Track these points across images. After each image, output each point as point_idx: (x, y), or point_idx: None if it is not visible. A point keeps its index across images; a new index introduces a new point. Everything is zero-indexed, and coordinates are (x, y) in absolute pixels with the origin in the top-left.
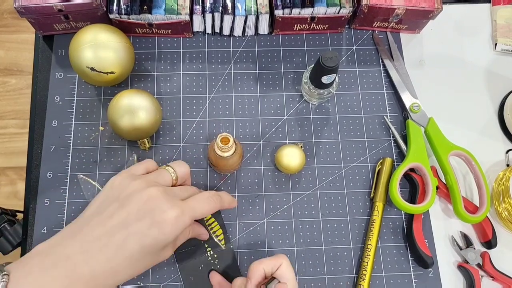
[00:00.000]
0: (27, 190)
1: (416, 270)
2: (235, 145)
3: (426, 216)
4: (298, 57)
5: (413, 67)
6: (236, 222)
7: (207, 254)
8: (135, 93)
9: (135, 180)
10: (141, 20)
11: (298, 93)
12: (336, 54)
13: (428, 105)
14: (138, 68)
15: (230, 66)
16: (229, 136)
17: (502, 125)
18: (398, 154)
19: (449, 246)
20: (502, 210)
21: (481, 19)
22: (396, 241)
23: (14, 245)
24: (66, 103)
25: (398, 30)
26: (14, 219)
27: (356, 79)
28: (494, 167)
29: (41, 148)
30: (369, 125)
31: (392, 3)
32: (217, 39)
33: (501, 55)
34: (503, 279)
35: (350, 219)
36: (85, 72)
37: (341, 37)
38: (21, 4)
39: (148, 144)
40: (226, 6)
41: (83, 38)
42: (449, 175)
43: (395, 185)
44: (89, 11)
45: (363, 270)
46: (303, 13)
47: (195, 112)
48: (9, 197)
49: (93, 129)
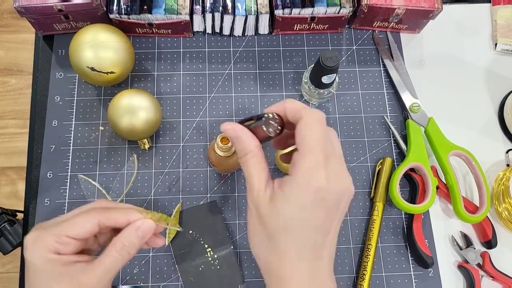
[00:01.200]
0: (27, 190)
1: (416, 270)
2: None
3: (426, 216)
4: (298, 57)
5: (413, 67)
6: (236, 222)
7: (207, 255)
8: (135, 93)
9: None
10: (141, 20)
11: (298, 93)
12: (336, 54)
13: (428, 105)
14: (138, 68)
15: (230, 66)
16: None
17: (502, 125)
18: (398, 154)
19: (449, 246)
20: (502, 210)
21: (481, 19)
22: (396, 241)
23: (14, 245)
24: (66, 103)
25: (398, 30)
26: (14, 219)
27: (356, 79)
28: (494, 167)
29: (41, 148)
30: (369, 125)
31: (392, 3)
32: (217, 39)
33: (501, 55)
34: (503, 279)
35: (350, 219)
36: (85, 72)
37: (341, 37)
38: (21, 4)
39: (148, 144)
40: (226, 6)
41: (83, 38)
42: (449, 175)
43: (395, 185)
44: (89, 11)
45: (363, 270)
46: (303, 13)
47: (195, 112)
48: (9, 197)
49: (93, 129)
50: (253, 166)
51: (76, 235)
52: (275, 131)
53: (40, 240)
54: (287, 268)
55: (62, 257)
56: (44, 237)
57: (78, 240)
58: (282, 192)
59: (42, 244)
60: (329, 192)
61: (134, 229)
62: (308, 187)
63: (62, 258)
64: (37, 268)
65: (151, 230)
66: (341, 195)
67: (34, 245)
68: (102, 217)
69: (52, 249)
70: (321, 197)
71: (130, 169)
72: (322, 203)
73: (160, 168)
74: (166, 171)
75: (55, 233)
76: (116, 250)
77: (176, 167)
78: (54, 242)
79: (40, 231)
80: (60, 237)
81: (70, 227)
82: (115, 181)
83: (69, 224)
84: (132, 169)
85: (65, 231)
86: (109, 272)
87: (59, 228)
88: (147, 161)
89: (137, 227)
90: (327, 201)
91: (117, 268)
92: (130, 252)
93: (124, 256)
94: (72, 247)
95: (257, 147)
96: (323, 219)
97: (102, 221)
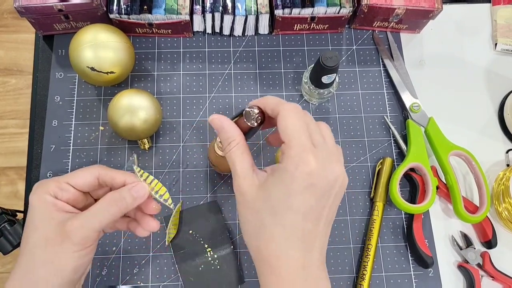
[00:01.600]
0: (27, 190)
1: (416, 270)
2: None
3: (426, 216)
4: (298, 57)
5: (413, 67)
6: (236, 222)
7: (207, 255)
8: (135, 93)
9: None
10: (141, 20)
11: (298, 93)
12: (336, 54)
13: (428, 105)
14: (138, 68)
15: (230, 66)
16: None
17: (502, 125)
18: (398, 154)
19: (449, 246)
20: (502, 210)
21: (481, 19)
22: (396, 241)
23: (14, 245)
24: (66, 103)
25: (398, 30)
26: (14, 219)
27: (356, 79)
28: (494, 167)
29: (41, 148)
30: (369, 125)
31: (392, 3)
32: (217, 39)
33: (501, 55)
34: (503, 279)
35: (350, 219)
36: (85, 72)
37: (341, 37)
38: (21, 4)
39: (148, 144)
40: (226, 6)
41: (83, 38)
42: (449, 175)
43: (395, 185)
44: (89, 11)
45: (363, 270)
46: (303, 13)
47: (195, 112)
48: (9, 197)
49: (93, 129)
50: (236, 154)
51: (75, 183)
52: (256, 121)
53: (43, 184)
54: (275, 253)
55: (57, 202)
56: (47, 182)
57: (77, 189)
58: (273, 177)
59: (43, 188)
60: (319, 177)
61: (127, 187)
62: (296, 171)
63: (57, 202)
64: (35, 208)
65: (144, 193)
66: (332, 181)
67: (37, 188)
68: (102, 171)
69: (51, 192)
70: (310, 182)
71: (130, 169)
72: (311, 188)
73: (160, 168)
74: (166, 171)
75: (57, 179)
76: (104, 201)
77: (176, 167)
78: (54, 186)
79: (46, 179)
80: (60, 183)
81: (71, 176)
82: None
83: (71, 174)
84: (132, 169)
85: (66, 179)
86: (93, 220)
87: (62, 177)
88: (147, 161)
89: (131, 186)
90: (316, 187)
91: (103, 219)
92: (119, 206)
93: (112, 208)
94: (70, 195)
95: (239, 135)
96: (312, 205)
97: (101, 175)
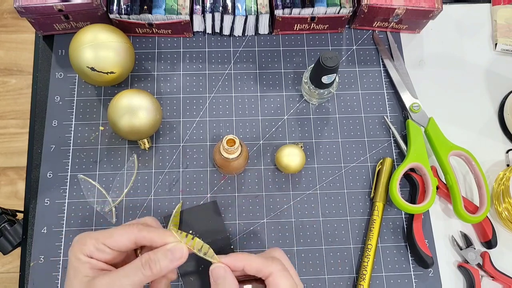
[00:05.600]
0: (27, 190)
1: (416, 270)
2: (240, 148)
3: (426, 216)
4: (298, 57)
5: (413, 67)
6: (236, 222)
7: None
8: (135, 93)
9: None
10: (141, 20)
11: (298, 93)
12: (336, 54)
13: (428, 105)
14: (138, 68)
15: (230, 66)
16: (235, 138)
17: (502, 125)
18: (398, 154)
19: (449, 246)
20: (502, 210)
21: (481, 19)
22: (396, 241)
23: (14, 245)
24: (66, 103)
25: (398, 30)
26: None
27: (356, 79)
28: (494, 167)
29: (41, 148)
30: (369, 125)
31: (392, 3)
32: (217, 39)
33: (501, 55)
34: (503, 279)
35: (350, 219)
36: (85, 72)
37: (341, 37)
38: (21, 4)
39: (148, 144)
40: (226, 6)
41: (83, 38)
42: (449, 175)
43: (395, 185)
44: (89, 11)
45: (363, 270)
46: (303, 13)
47: (195, 112)
48: (9, 197)
49: (93, 129)
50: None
51: (112, 245)
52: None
53: (80, 242)
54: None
55: (91, 261)
56: (85, 240)
57: (114, 250)
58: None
59: (80, 246)
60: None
61: (165, 249)
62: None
63: (91, 262)
64: (71, 265)
65: (182, 256)
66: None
67: (75, 245)
68: (139, 235)
69: (87, 252)
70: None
71: (130, 169)
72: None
73: (160, 168)
74: (166, 171)
75: (95, 237)
76: (138, 261)
77: (176, 167)
78: (91, 246)
79: (87, 233)
80: (98, 243)
81: (108, 237)
82: (115, 181)
83: (108, 233)
84: (132, 169)
85: (103, 239)
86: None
87: (100, 235)
88: (147, 161)
89: (169, 248)
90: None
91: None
92: (153, 269)
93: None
94: (107, 256)
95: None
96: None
97: (138, 238)
